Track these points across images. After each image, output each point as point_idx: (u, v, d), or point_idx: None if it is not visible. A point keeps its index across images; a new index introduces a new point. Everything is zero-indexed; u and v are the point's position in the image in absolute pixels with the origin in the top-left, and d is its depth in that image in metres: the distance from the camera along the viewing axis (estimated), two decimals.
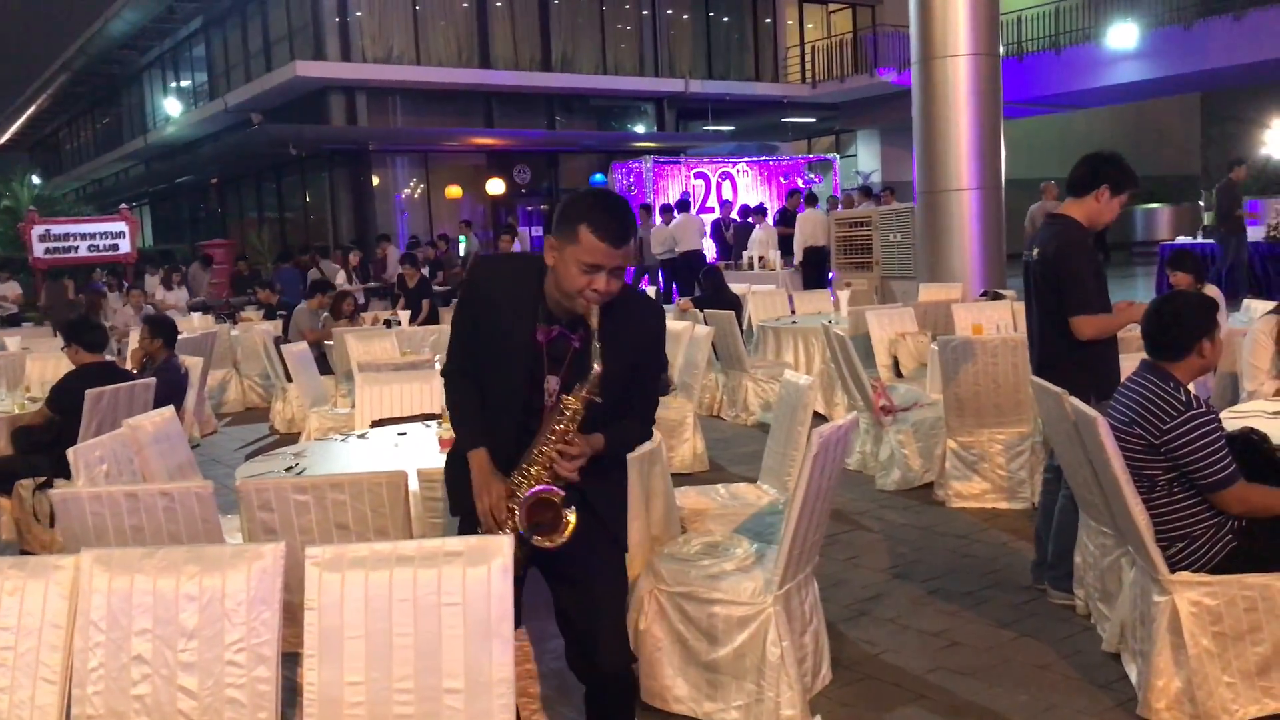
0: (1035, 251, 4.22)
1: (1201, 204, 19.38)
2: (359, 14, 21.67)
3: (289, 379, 8.42)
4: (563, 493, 2.35)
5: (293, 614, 2.91)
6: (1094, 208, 4.15)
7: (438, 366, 6.41)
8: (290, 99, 22.50)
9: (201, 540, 2.97)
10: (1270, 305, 5.46)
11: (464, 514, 2.57)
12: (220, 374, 10.57)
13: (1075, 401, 3.49)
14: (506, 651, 2.12)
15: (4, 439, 5.99)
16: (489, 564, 2.17)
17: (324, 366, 8.93)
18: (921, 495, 5.91)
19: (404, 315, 11.22)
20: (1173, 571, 3.20)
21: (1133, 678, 3.41)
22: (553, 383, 2.46)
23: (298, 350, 7.65)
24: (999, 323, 7.14)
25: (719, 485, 4.50)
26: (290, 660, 2.83)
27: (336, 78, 21.36)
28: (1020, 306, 7.73)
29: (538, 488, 2.34)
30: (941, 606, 4.29)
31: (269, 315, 12.51)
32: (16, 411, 6.16)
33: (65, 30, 32.28)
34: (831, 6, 28.21)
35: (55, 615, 2.23)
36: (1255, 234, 13.98)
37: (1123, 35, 21.59)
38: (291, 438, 8.31)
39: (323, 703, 2.22)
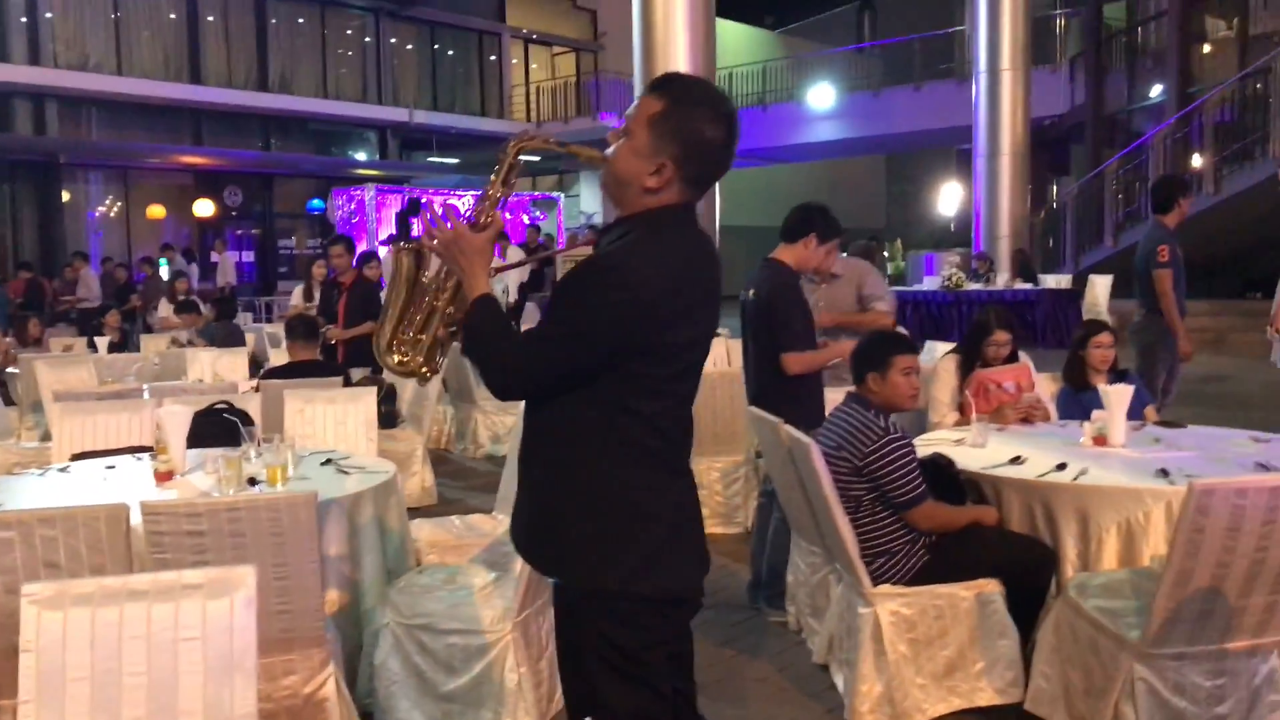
0: (751, 292, 4.54)
1: (886, 254, 21.34)
2: (49, 15, 19.94)
3: None
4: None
5: (4, 657, 2.63)
6: (803, 254, 4.52)
7: (147, 396, 6.00)
8: None
9: None
10: (950, 346, 6.09)
11: None
12: None
13: (789, 429, 3.77)
14: (250, 685, 2.04)
15: None
16: (232, 596, 2.08)
17: (5, 397, 8.13)
18: None
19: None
20: (875, 585, 3.53)
21: (840, 686, 3.71)
22: None
23: None
24: (714, 357, 7.53)
25: (453, 517, 4.51)
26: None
27: (22, 82, 19.53)
28: (733, 343, 8.24)
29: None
30: None
31: None
32: None
33: None
34: (555, 49, 28.80)
35: None
36: (932, 284, 15.66)
37: (821, 96, 23.41)
38: None
39: None
